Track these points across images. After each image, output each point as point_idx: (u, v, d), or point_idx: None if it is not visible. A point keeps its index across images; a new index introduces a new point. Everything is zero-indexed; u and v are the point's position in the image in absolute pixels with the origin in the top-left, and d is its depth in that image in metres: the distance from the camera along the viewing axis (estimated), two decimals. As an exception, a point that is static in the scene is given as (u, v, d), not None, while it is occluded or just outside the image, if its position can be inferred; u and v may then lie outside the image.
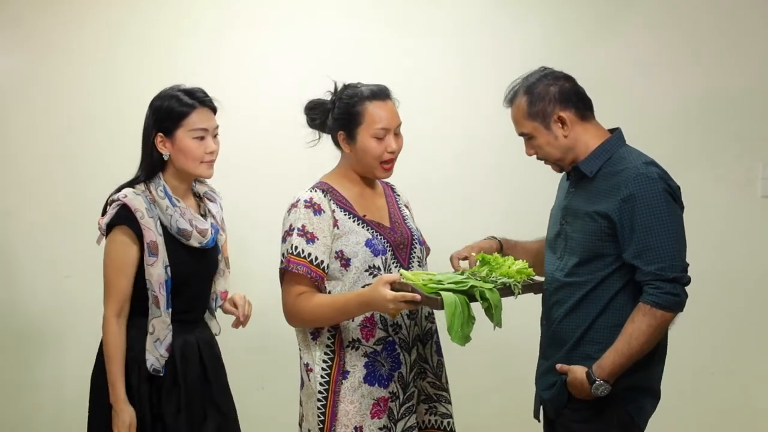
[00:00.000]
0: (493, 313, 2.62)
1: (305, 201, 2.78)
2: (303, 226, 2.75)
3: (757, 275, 4.15)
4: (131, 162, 2.97)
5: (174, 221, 2.81)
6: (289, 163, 3.68)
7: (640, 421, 2.76)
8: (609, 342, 2.65)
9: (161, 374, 2.79)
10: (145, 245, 2.77)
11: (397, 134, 2.84)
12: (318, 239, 2.74)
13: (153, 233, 2.77)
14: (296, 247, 2.74)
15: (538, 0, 4.14)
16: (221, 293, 3.02)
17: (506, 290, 2.66)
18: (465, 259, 2.88)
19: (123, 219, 2.78)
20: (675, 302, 2.61)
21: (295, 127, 2.98)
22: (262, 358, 3.09)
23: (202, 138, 2.82)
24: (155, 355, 2.79)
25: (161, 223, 2.81)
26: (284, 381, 3.40)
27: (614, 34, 4.11)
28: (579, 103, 2.76)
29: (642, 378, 2.72)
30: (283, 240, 2.80)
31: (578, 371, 2.67)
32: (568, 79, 2.78)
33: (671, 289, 2.60)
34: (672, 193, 2.67)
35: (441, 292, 2.56)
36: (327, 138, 2.92)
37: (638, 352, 2.62)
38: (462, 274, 2.71)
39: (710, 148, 4.12)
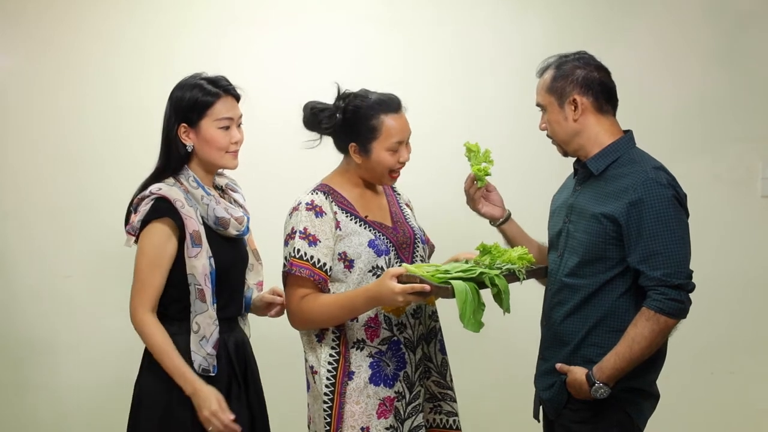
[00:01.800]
0: (502, 299, 2.62)
1: (306, 203, 2.77)
2: (305, 229, 2.74)
3: (757, 275, 4.16)
4: (131, 161, 2.97)
5: (211, 210, 2.72)
6: (289, 164, 3.67)
7: (639, 422, 2.77)
8: (610, 346, 2.65)
9: (211, 374, 2.68)
10: (188, 236, 2.65)
11: (407, 144, 2.84)
12: (320, 242, 2.74)
13: (195, 222, 2.66)
14: (298, 250, 2.73)
15: (539, 0, 4.14)
16: (257, 284, 2.95)
17: (511, 276, 2.67)
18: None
19: (163, 212, 2.66)
20: (679, 309, 2.61)
21: (295, 128, 2.98)
22: (265, 361, 3.07)
23: (227, 128, 2.75)
24: (202, 354, 2.67)
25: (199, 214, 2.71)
26: (287, 383, 3.39)
27: (614, 34, 4.11)
28: (601, 94, 2.75)
29: (641, 381, 2.73)
30: (286, 243, 2.79)
31: (578, 372, 2.67)
32: (601, 69, 2.78)
33: (676, 296, 2.60)
34: (679, 200, 2.67)
35: (451, 281, 2.55)
36: (326, 140, 2.91)
37: (639, 356, 2.62)
38: (466, 263, 2.71)
39: (710, 147, 4.12)
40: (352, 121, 2.80)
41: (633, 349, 2.60)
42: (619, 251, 2.66)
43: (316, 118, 2.85)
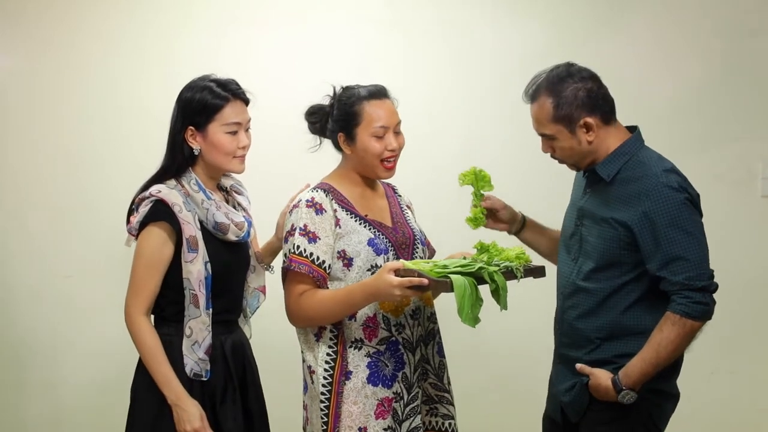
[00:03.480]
0: (500, 295, 2.62)
1: (307, 200, 2.77)
2: (305, 226, 2.74)
3: (757, 275, 4.16)
4: (131, 161, 2.97)
5: (210, 215, 2.70)
6: (290, 164, 3.67)
7: (659, 423, 2.76)
8: (625, 348, 2.65)
9: (204, 378, 2.68)
10: (184, 240, 2.63)
11: (397, 133, 2.83)
12: (320, 239, 2.73)
13: (192, 227, 2.65)
14: (298, 247, 2.73)
15: (538, 0, 4.15)
16: (260, 288, 2.93)
17: (509, 274, 2.67)
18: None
19: (160, 215, 2.64)
20: (704, 311, 2.59)
21: (295, 128, 2.98)
22: (265, 362, 3.07)
23: (235, 132, 2.72)
24: (194, 359, 2.67)
25: (198, 219, 2.69)
26: (286, 382, 3.39)
27: (613, 32, 4.11)
28: (605, 106, 2.70)
29: (664, 383, 2.72)
30: (285, 240, 2.78)
31: (602, 377, 2.66)
32: (594, 79, 2.71)
33: (701, 299, 2.58)
34: (693, 201, 2.65)
35: (450, 275, 2.54)
36: (328, 140, 2.91)
37: (666, 361, 2.61)
38: (464, 259, 2.71)
39: (710, 147, 4.12)
40: (339, 112, 2.81)
41: (660, 354, 2.59)
42: (634, 256, 2.64)
43: (311, 117, 2.89)
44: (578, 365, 2.71)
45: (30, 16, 4.02)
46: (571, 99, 2.65)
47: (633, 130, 2.77)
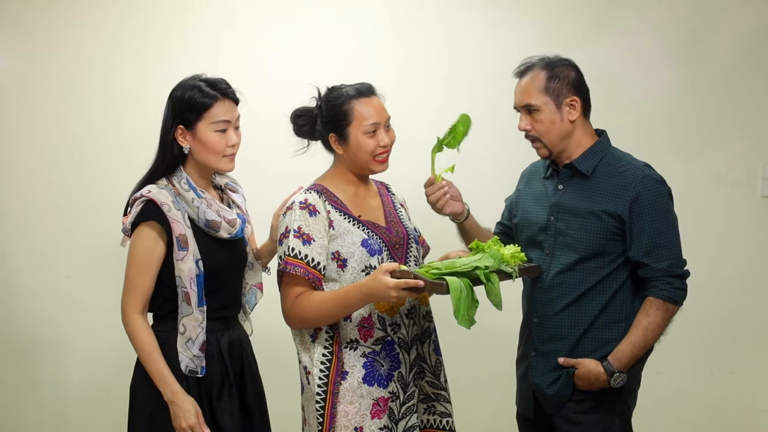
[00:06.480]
0: (495, 294, 2.64)
1: (300, 202, 2.78)
2: (299, 228, 2.74)
3: (757, 275, 4.15)
4: (131, 161, 2.97)
5: (201, 213, 2.73)
6: (289, 164, 3.67)
7: (631, 403, 2.88)
8: (608, 337, 2.77)
9: (199, 375, 2.71)
10: (174, 239, 2.66)
11: (387, 128, 2.85)
12: (314, 240, 2.74)
13: (181, 226, 2.68)
14: (293, 249, 2.73)
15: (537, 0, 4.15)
16: (257, 285, 2.96)
17: (504, 274, 2.68)
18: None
19: (149, 215, 2.68)
20: (683, 296, 2.77)
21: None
22: (266, 356, 3.08)
23: (224, 131, 2.75)
24: (188, 356, 2.70)
25: (188, 217, 2.72)
26: (283, 382, 3.40)
27: (611, 32, 4.11)
28: (587, 97, 2.85)
29: (638, 369, 2.85)
30: (280, 242, 2.79)
31: (590, 364, 2.76)
32: (580, 73, 2.87)
33: (680, 285, 2.75)
34: (671, 195, 2.82)
35: (446, 277, 2.56)
36: (314, 142, 2.92)
37: (651, 343, 2.77)
38: (459, 259, 2.72)
39: (710, 147, 4.12)
40: (328, 113, 2.82)
41: (647, 337, 2.74)
42: (619, 246, 2.77)
43: (298, 120, 2.90)
44: (562, 359, 2.80)
45: (30, 16, 4.03)
46: (563, 76, 2.81)
47: (600, 133, 2.90)
